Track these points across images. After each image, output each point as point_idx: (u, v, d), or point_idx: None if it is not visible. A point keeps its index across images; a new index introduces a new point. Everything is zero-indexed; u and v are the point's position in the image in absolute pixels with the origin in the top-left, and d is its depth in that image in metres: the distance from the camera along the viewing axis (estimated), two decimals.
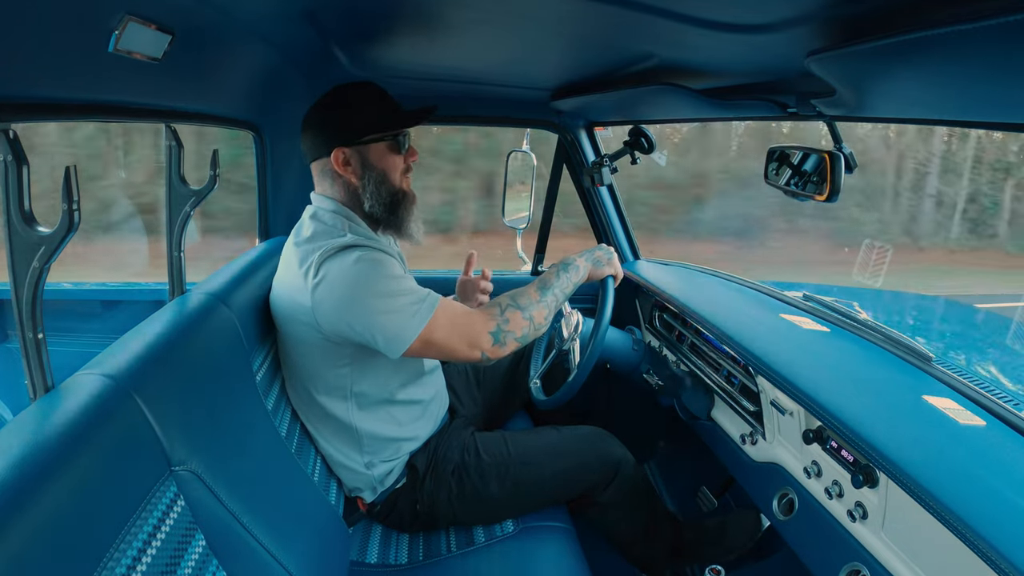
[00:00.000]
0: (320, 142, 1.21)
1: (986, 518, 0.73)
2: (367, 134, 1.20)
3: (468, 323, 1.16)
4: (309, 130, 1.22)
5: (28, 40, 0.67)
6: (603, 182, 1.68)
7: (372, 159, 1.21)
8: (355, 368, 1.20)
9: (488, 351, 1.16)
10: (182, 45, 0.90)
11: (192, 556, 0.75)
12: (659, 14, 0.82)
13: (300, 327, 1.15)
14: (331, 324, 1.10)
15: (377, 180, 1.22)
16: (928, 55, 0.65)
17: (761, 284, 1.72)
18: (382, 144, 1.22)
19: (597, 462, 1.37)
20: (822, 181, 1.09)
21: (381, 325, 1.09)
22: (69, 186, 0.73)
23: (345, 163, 1.20)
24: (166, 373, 0.85)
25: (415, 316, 1.10)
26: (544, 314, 1.23)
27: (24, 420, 0.68)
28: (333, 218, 1.21)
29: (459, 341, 1.14)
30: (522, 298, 1.22)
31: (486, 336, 1.16)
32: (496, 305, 1.20)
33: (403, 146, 1.24)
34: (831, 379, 1.10)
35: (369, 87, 1.22)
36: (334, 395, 1.22)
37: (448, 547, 1.29)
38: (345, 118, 1.20)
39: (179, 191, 1.16)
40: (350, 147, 1.20)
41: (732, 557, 1.45)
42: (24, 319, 0.74)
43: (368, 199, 1.22)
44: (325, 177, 1.24)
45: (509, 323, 1.18)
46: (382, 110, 1.21)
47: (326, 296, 1.08)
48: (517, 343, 1.20)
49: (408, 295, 1.11)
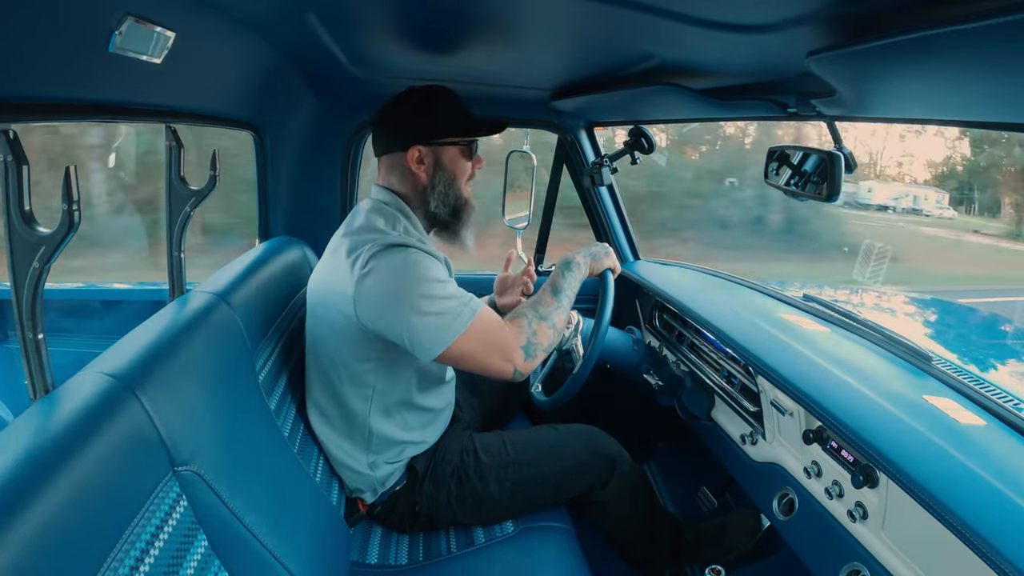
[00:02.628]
0: (397, 137, 1.23)
1: (986, 518, 0.73)
2: (445, 136, 1.23)
3: (502, 336, 1.16)
4: (386, 125, 1.25)
5: (28, 40, 0.67)
6: (603, 182, 1.68)
7: (445, 161, 1.24)
8: (380, 365, 1.20)
9: (520, 365, 1.17)
10: (182, 45, 0.90)
11: (195, 556, 0.75)
12: (659, 14, 0.82)
13: (336, 315, 1.15)
14: (369, 317, 1.11)
15: (447, 182, 1.25)
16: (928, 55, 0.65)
17: (761, 284, 1.72)
18: (456, 148, 1.25)
19: (594, 459, 1.37)
20: (822, 181, 1.09)
21: (420, 326, 1.09)
22: (69, 187, 0.73)
23: (419, 161, 1.23)
24: (169, 373, 0.85)
25: (455, 321, 1.10)
26: (564, 318, 1.25)
27: (26, 420, 0.68)
28: (391, 214, 1.22)
29: (494, 357, 1.15)
30: (542, 307, 1.23)
31: (518, 350, 1.17)
32: (523, 317, 1.21)
33: (473, 153, 1.28)
34: (831, 379, 1.10)
35: (449, 93, 1.26)
36: (356, 388, 1.22)
37: (448, 548, 1.29)
38: (425, 118, 1.22)
39: (179, 191, 1.16)
40: (427, 146, 1.22)
41: (732, 557, 1.45)
42: (24, 319, 0.74)
43: (435, 199, 1.25)
44: (394, 172, 1.26)
45: (537, 335, 1.20)
46: (461, 116, 1.25)
47: (370, 289, 1.09)
48: (544, 354, 1.22)
49: (451, 299, 1.12)
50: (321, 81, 1.57)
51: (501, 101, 1.80)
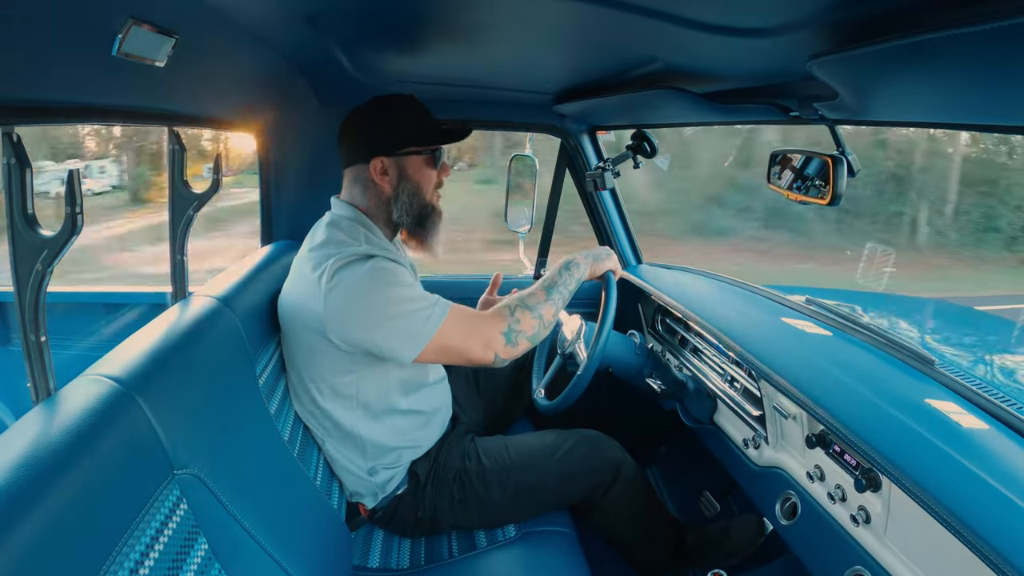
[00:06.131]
0: (360, 148, 1.23)
1: (989, 522, 0.73)
2: (408, 146, 1.22)
3: (480, 324, 1.16)
4: (349, 136, 1.24)
5: (31, 43, 0.67)
6: (605, 186, 1.68)
7: (410, 171, 1.24)
8: (360, 376, 1.20)
9: (501, 351, 1.17)
10: (185, 49, 0.90)
11: (195, 560, 0.75)
12: (662, 18, 0.82)
13: (309, 332, 1.15)
14: (342, 330, 1.11)
15: (411, 192, 1.24)
16: (930, 58, 0.65)
17: (763, 288, 1.72)
18: (420, 158, 1.24)
19: (597, 465, 1.36)
20: (824, 185, 1.09)
21: (394, 331, 1.09)
22: (72, 190, 0.73)
23: (383, 172, 1.22)
24: (169, 376, 0.85)
25: (427, 321, 1.11)
26: (552, 311, 1.24)
27: (27, 423, 0.68)
28: (351, 226, 1.22)
29: (473, 342, 1.15)
30: (530, 299, 1.22)
31: (499, 336, 1.16)
32: (505, 307, 1.21)
33: (438, 161, 1.27)
34: (834, 383, 1.10)
35: (412, 101, 1.24)
36: (339, 402, 1.22)
37: (450, 551, 1.29)
38: (388, 128, 1.21)
39: (182, 195, 1.16)
40: (390, 157, 1.22)
41: (735, 561, 1.44)
42: (27, 322, 0.74)
43: (398, 209, 1.24)
44: (357, 183, 1.25)
45: (520, 323, 1.19)
46: (424, 125, 1.24)
47: (338, 302, 1.09)
48: (528, 342, 1.20)
49: (419, 301, 1.12)
50: (324, 85, 1.57)
51: (504, 105, 1.80)
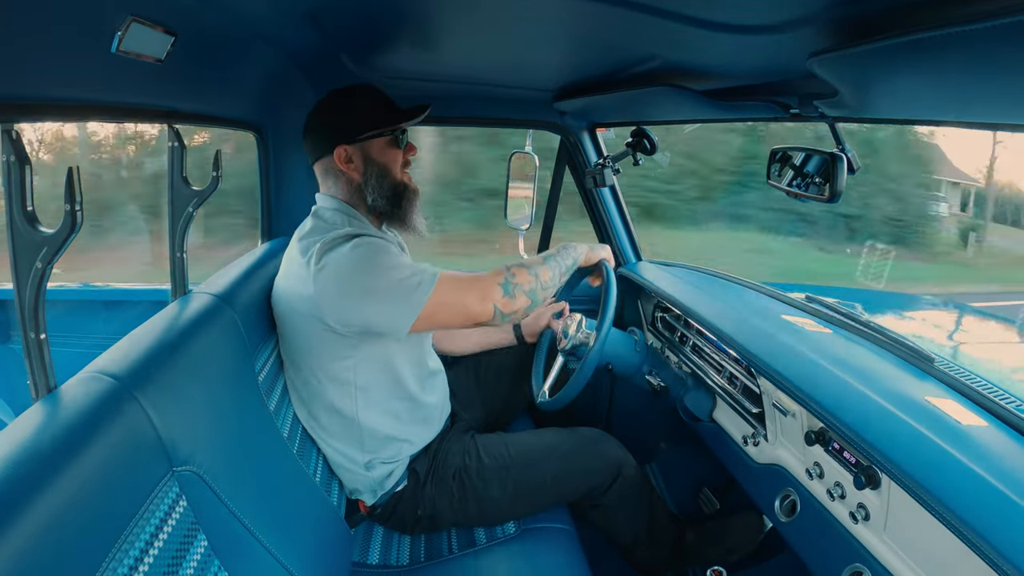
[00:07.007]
0: (322, 141, 1.24)
1: (988, 520, 0.73)
2: (367, 131, 1.23)
3: (475, 280, 1.17)
4: (311, 132, 1.26)
5: (31, 40, 0.67)
6: (605, 183, 1.68)
7: (373, 154, 1.25)
8: (358, 360, 1.20)
9: (500, 303, 1.17)
10: (185, 46, 0.90)
11: (194, 556, 0.75)
12: (662, 15, 0.82)
13: (304, 319, 1.16)
14: (335, 310, 1.11)
15: (379, 174, 1.26)
16: (930, 56, 0.65)
17: (763, 285, 1.72)
18: (382, 140, 1.26)
19: (598, 463, 1.36)
20: (824, 182, 1.09)
21: (386, 300, 1.10)
22: (72, 187, 0.73)
23: (347, 160, 1.24)
24: (169, 373, 0.85)
25: (419, 287, 1.11)
26: (548, 275, 1.25)
27: (26, 421, 0.68)
28: (335, 215, 1.24)
29: (470, 296, 1.15)
30: (525, 261, 1.25)
31: (496, 288, 1.17)
32: (501, 266, 1.22)
33: (402, 142, 1.29)
34: (833, 380, 1.10)
35: (366, 88, 1.26)
36: (338, 389, 1.22)
37: (450, 548, 1.29)
38: (346, 117, 1.23)
39: (181, 192, 1.16)
40: (352, 144, 1.23)
41: (734, 559, 1.44)
42: (26, 319, 0.74)
43: (371, 193, 1.26)
44: (328, 176, 1.27)
45: (516, 277, 1.20)
46: (381, 108, 1.26)
47: (328, 282, 1.10)
48: (527, 298, 1.20)
49: (407, 268, 1.12)
50: (323, 81, 1.57)
51: (504, 102, 1.80)
